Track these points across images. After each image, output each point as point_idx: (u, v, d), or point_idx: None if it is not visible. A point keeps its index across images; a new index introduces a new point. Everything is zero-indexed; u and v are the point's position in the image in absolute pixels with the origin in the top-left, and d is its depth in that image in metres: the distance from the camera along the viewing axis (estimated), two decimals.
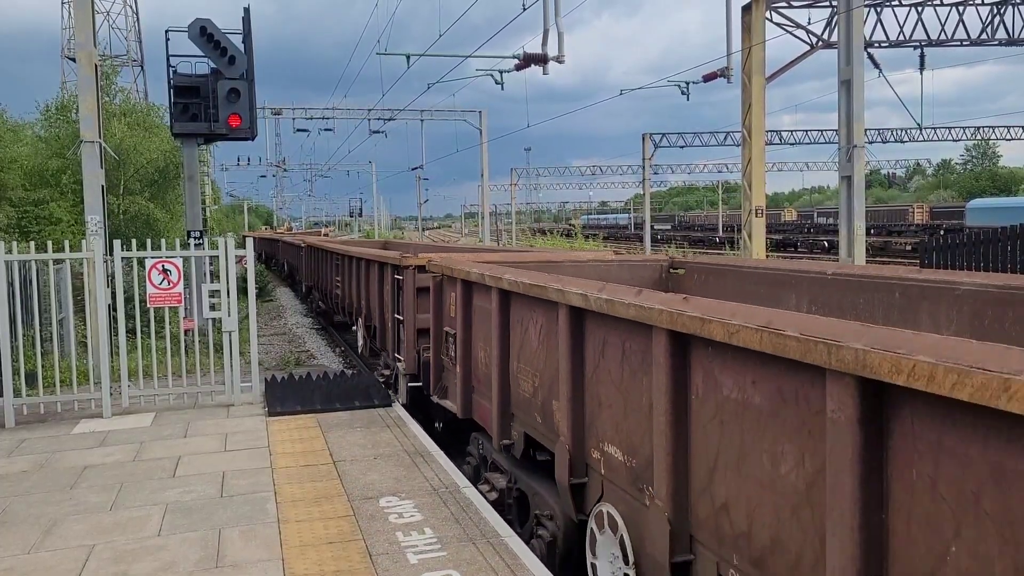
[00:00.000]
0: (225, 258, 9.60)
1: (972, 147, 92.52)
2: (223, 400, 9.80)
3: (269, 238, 44.76)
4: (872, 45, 22.86)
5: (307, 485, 6.61)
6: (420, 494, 6.31)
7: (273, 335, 18.11)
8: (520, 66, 19.01)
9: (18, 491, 6.62)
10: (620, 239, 74.64)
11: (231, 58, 15.00)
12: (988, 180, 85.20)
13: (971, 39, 23.71)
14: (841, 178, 16.62)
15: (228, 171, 67.43)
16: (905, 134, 53.73)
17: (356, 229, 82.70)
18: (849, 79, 16.15)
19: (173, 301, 9.46)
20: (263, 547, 5.34)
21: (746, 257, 19.08)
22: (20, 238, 18.74)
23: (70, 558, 5.22)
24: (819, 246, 52.10)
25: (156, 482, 6.81)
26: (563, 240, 42.68)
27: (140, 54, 56.04)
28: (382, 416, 8.97)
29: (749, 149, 19.46)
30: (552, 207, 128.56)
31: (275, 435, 8.27)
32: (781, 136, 53.90)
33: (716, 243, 61.51)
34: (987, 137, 59.22)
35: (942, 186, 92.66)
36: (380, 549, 5.24)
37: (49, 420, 9.09)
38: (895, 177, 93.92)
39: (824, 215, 60.99)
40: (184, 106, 15.43)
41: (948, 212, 50.27)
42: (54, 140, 24.70)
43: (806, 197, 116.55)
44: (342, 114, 45.11)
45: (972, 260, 15.63)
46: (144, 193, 25.57)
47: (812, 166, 76.96)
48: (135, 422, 8.95)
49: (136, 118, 26.91)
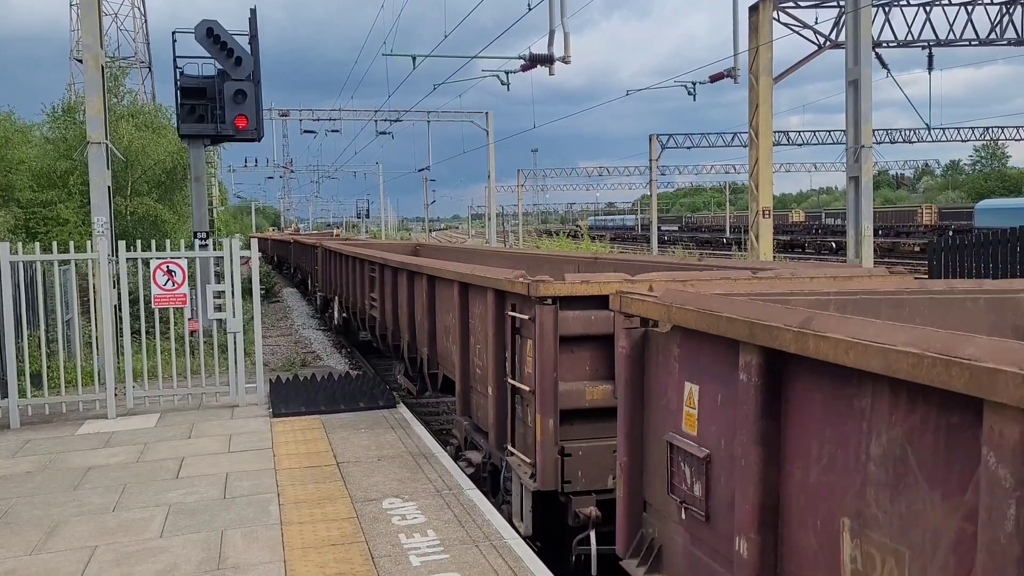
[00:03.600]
0: (230, 259, 9.60)
1: (981, 148, 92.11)
2: (227, 401, 9.80)
3: (279, 240, 44.49)
4: (880, 45, 22.77)
5: (310, 487, 6.59)
6: (423, 496, 6.28)
7: (279, 336, 18.11)
8: (526, 67, 18.98)
9: (22, 492, 6.62)
10: (627, 240, 74.56)
11: (237, 59, 15.01)
12: (997, 181, 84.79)
13: (980, 39, 23.59)
14: (849, 179, 16.53)
15: (235, 172, 67.65)
16: (914, 135, 53.56)
17: (363, 230, 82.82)
18: (857, 79, 16.07)
19: (178, 302, 9.47)
20: (265, 549, 5.32)
21: (754, 259, 19.00)
22: (27, 239, 18.80)
23: (72, 559, 5.21)
24: (827, 247, 51.95)
25: (159, 483, 6.80)
26: (569, 241, 42.66)
27: (148, 56, 56.22)
28: (386, 418, 8.95)
29: (756, 150, 19.40)
30: (559, 208, 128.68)
31: (279, 436, 8.26)
32: (789, 137, 53.74)
33: (723, 244, 61.42)
34: (996, 138, 58.95)
35: (951, 187, 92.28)
36: (382, 551, 5.22)
37: (54, 421, 9.10)
38: (903, 178, 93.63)
39: (832, 216, 60.79)
40: (191, 107, 15.46)
41: (957, 213, 50.01)
42: (61, 141, 24.78)
43: (814, 198, 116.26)
44: (349, 115, 45.18)
45: (981, 261, 15.53)
46: (152, 194, 25.62)
47: (820, 167, 76.78)
48: (139, 423, 8.96)
49: (144, 119, 26.99)
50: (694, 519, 3.44)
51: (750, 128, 19.63)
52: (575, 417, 5.47)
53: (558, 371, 5.42)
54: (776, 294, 3.96)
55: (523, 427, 5.88)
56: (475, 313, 7.00)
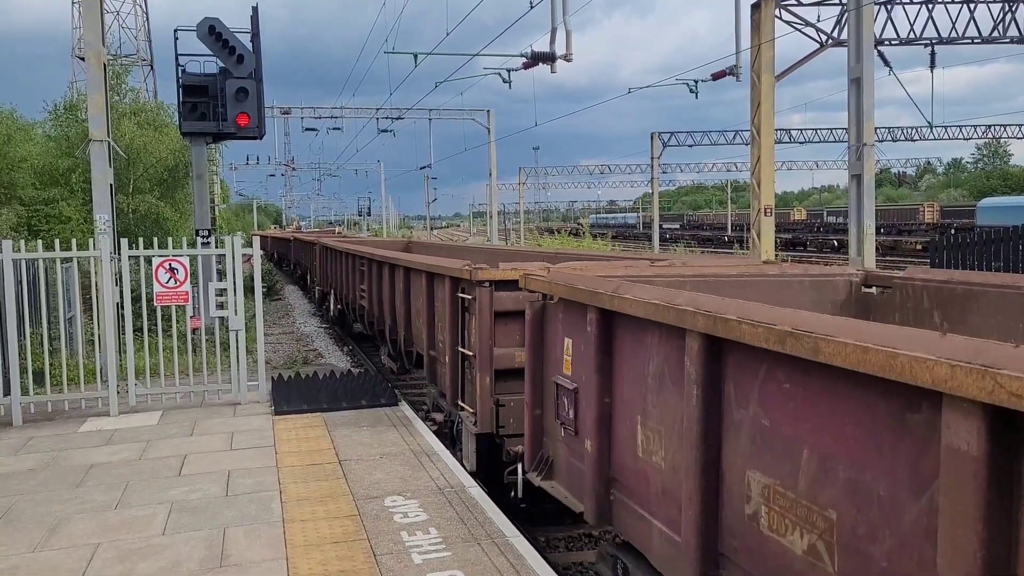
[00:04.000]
0: (232, 257, 9.60)
1: (983, 146, 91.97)
2: (230, 399, 9.81)
3: (280, 238, 44.59)
4: (882, 43, 22.72)
5: (312, 484, 6.59)
6: (425, 494, 6.29)
7: (281, 334, 18.13)
8: (528, 65, 18.95)
9: (24, 489, 6.63)
10: (628, 238, 74.51)
11: (239, 57, 15.01)
12: (999, 179, 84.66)
13: (982, 36, 23.53)
14: (851, 177, 16.52)
15: (237, 170, 67.67)
16: (916, 132, 53.48)
17: (365, 228, 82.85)
18: (859, 77, 16.05)
19: (180, 300, 9.47)
20: (267, 546, 5.33)
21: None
22: (30, 236, 18.82)
23: (75, 557, 5.22)
24: (828, 246, 51.90)
25: (162, 481, 6.81)
26: (571, 239, 42.62)
27: (150, 54, 56.23)
28: (388, 415, 8.96)
29: (758, 148, 19.38)
30: (560, 206, 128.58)
31: (281, 434, 8.26)
32: (791, 135, 53.71)
33: (725, 242, 61.37)
34: (998, 136, 58.88)
35: (953, 185, 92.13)
36: (384, 549, 5.22)
37: (56, 418, 9.11)
38: (905, 176, 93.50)
39: (834, 214, 60.73)
40: (193, 105, 15.45)
41: (959, 211, 49.94)
42: (63, 139, 24.81)
43: (815, 196, 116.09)
44: (350, 113, 45.17)
45: (983, 259, 15.52)
46: (154, 192, 25.66)
47: (822, 165, 76.68)
48: (142, 420, 8.97)
49: (146, 117, 27.02)
50: (569, 435, 4.82)
51: (752, 126, 19.61)
52: (507, 376, 6.71)
53: (494, 339, 6.73)
54: (645, 276, 5.15)
55: (470, 386, 7.18)
56: (438, 297, 8.21)
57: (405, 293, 9.79)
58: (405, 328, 9.94)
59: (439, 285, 8.11)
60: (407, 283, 9.71)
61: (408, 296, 9.73)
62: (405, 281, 9.77)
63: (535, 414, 5.30)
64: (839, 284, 5.59)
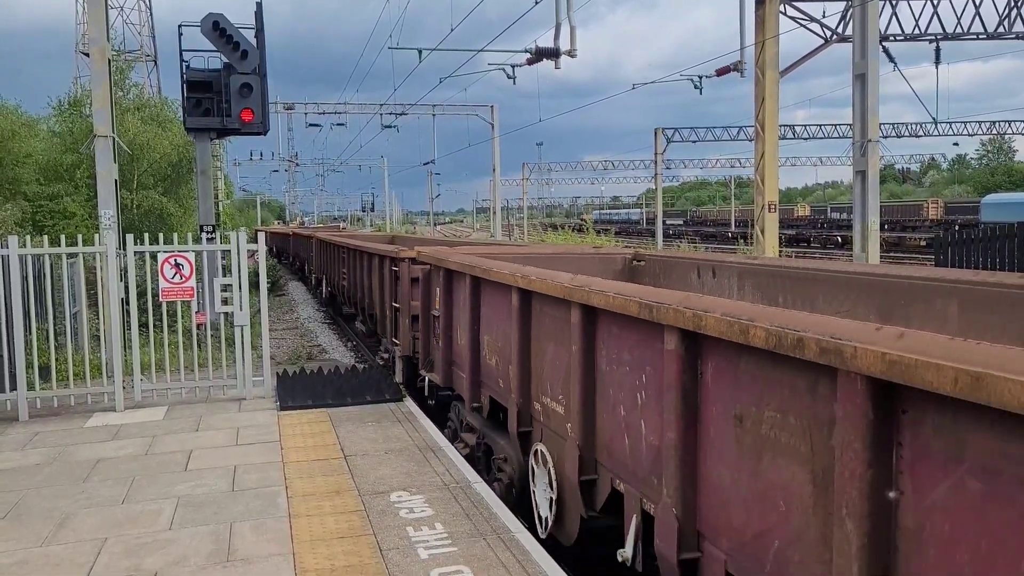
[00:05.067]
0: (237, 253, 9.62)
1: (988, 142, 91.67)
2: (235, 394, 9.83)
3: (279, 232, 44.84)
4: (887, 39, 22.65)
5: (318, 479, 6.61)
6: (431, 489, 6.30)
7: (285, 329, 18.16)
8: (532, 60, 18.94)
9: (31, 484, 6.66)
10: (632, 234, 74.43)
11: (243, 53, 15.02)
12: (1004, 175, 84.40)
13: (988, 32, 23.47)
14: (855, 173, 16.49)
15: (241, 166, 67.52)
16: (920, 128, 53.34)
17: (368, 224, 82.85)
18: (864, 73, 16.01)
19: (185, 295, 9.49)
20: (274, 541, 5.35)
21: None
22: (34, 232, 18.85)
23: (82, 551, 5.24)
24: (832, 242, 51.84)
25: (168, 476, 6.83)
26: (574, 235, 42.58)
27: (154, 49, 56.28)
28: (393, 411, 8.97)
29: (762, 144, 19.33)
30: (564, 202, 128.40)
31: (286, 429, 8.28)
32: (795, 131, 53.51)
33: (728, 238, 61.27)
34: (1003, 132, 58.70)
35: (957, 181, 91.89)
36: (390, 544, 5.24)
37: (62, 414, 9.14)
38: (909, 172, 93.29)
39: (837, 210, 60.64)
40: (197, 101, 15.47)
41: (963, 208, 49.83)
42: (68, 135, 24.83)
43: (819, 192, 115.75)
44: (354, 109, 45.13)
45: (988, 256, 15.49)
46: (157, 188, 25.69)
47: (826, 161, 76.41)
48: (147, 416, 8.99)
49: (150, 113, 27.04)
50: (436, 342, 8.36)
51: (756, 122, 19.56)
52: (418, 319, 9.15)
53: (411, 295, 9.41)
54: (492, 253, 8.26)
55: (399, 327, 10.20)
56: (384, 273, 11.35)
57: (367, 271, 13.10)
58: (368, 296, 13.23)
59: (384, 263, 11.34)
60: (369, 263, 12.93)
61: (369, 273, 12.94)
62: (368, 263, 13.07)
63: (424, 334, 8.80)
64: (617, 259, 8.71)
